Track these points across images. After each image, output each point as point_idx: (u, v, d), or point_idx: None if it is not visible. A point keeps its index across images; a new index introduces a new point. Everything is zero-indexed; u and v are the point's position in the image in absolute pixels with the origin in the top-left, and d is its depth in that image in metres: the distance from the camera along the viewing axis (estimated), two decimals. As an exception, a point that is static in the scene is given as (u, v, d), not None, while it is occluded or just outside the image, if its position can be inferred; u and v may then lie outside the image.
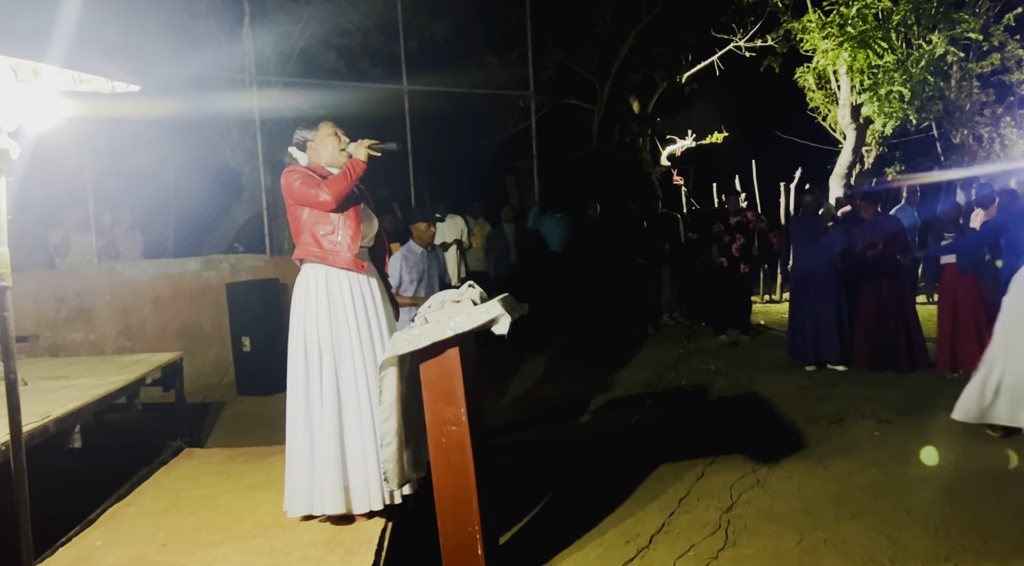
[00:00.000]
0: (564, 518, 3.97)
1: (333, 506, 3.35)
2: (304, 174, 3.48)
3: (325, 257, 3.48)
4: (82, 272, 7.41)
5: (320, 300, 3.47)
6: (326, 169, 3.58)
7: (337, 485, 3.36)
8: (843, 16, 9.53)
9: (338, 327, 3.46)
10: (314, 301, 3.47)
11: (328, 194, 3.42)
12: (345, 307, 3.49)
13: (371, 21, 9.81)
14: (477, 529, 3.13)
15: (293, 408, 3.48)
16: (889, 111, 9.73)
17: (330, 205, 3.44)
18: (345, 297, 3.49)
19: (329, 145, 3.60)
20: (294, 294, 3.54)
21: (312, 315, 3.46)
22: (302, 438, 3.43)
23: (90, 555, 3.25)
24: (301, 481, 3.41)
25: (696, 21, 12.94)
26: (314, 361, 3.43)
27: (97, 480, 4.16)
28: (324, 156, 3.60)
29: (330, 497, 3.35)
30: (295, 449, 3.45)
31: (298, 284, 3.54)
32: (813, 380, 6.79)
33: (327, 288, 3.49)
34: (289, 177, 3.50)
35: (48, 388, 4.23)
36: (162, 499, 3.93)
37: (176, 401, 5.31)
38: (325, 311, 3.46)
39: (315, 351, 3.43)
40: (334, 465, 3.36)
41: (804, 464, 4.62)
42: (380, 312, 3.60)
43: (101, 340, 7.36)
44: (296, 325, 3.50)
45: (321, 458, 3.37)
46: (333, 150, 3.59)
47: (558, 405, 6.35)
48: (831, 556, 3.46)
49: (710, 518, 3.91)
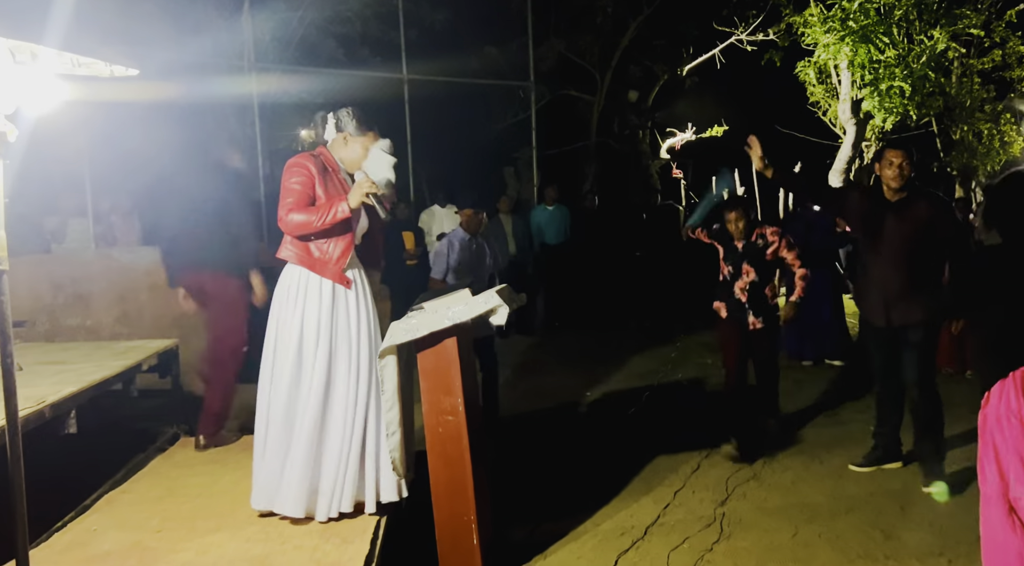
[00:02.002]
0: (560, 509, 3.98)
1: (293, 508, 3.26)
2: (307, 178, 3.32)
3: (313, 264, 3.34)
4: (79, 258, 7.37)
5: (309, 304, 3.32)
6: (335, 161, 3.48)
7: (303, 487, 3.27)
8: (845, 10, 9.49)
9: (334, 331, 3.34)
10: (302, 304, 3.33)
11: (294, 220, 3.25)
12: (337, 312, 3.36)
13: (371, 9, 9.78)
14: (473, 519, 3.14)
15: (270, 405, 3.37)
16: (889, 106, 9.71)
17: (285, 227, 3.29)
18: (325, 302, 3.34)
19: (359, 152, 3.46)
20: (276, 293, 3.40)
21: (297, 318, 3.32)
22: (279, 436, 3.34)
23: (86, 540, 3.25)
24: (267, 476, 3.34)
25: (697, 13, 12.89)
26: (307, 365, 3.32)
27: (93, 466, 4.15)
28: (346, 154, 3.47)
29: (292, 499, 3.26)
30: (265, 444, 3.37)
31: (282, 284, 3.39)
32: (810, 375, 6.80)
33: (319, 291, 3.34)
34: (290, 173, 3.33)
35: (44, 373, 4.21)
36: (158, 486, 3.92)
37: (172, 388, 5.30)
38: (314, 315, 3.32)
39: (310, 354, 3.30)
40: (303, 467, 3.27)
41: (799, 458, 4.63)
42: (364, 317, 3.44)
43: (98, 326, 7.33)
44: (285, 326, 3.33)
45: (292, 459, 3.29)
46: (357, 158, 3.46)
47: (553, 396, 6.36)
48: (825, 550, 3.47)
49: (705, 511, 3.93)
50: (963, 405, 4.90)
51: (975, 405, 2.51)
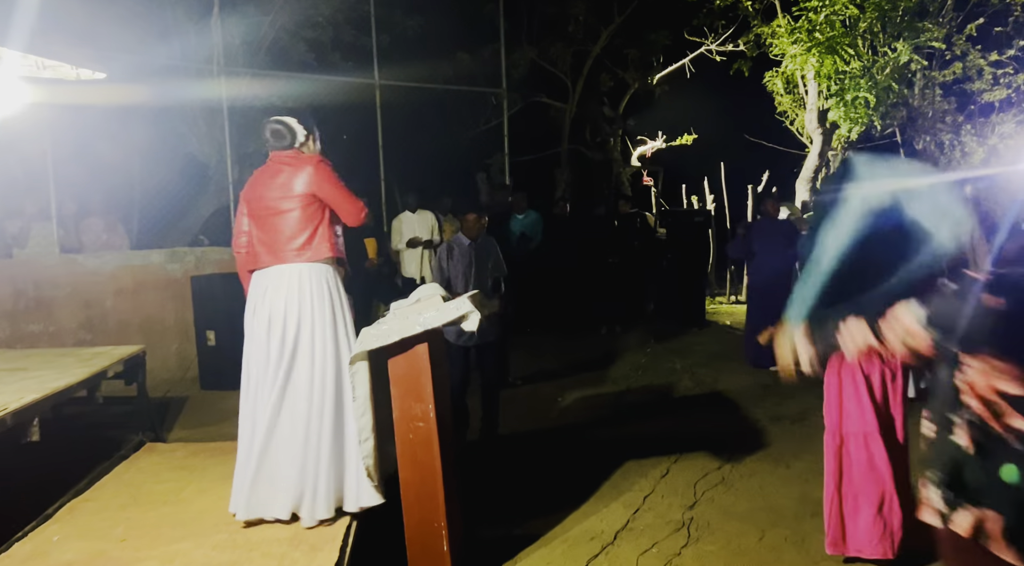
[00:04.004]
0: (530, 515, 3.99)
1: (280, 511, 3.28)
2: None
3: (338, 257, 3.52)
4: (42, 263, 7.24)
5: (345, 300, 3.49)
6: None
7: (288, 492, 3.28)
8: (811, 22, 9.67)
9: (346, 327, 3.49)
10: (341, 302, 3.46)
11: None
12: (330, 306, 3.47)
13: (342, 15, 9.73)
14: (443, 525, 3.13)
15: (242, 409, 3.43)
16: (855, 116, 9.90)
17: (362, 217, 3.53)
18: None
19: (318, 147, 3.62)
20: (315, 293, 3.39)
21: (338, 316, 3.45)
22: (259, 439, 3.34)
23: (47, 550, 3.19)
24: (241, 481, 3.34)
25: (668, 23, 13.04)
26: (270, 367, 3.36)
27: (55, 474, 4.08)
28: (313, 150, 3.60)
29: (278, 503, 3.28)
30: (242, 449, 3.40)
31: (318, 283, 3.41)
32: (777, 380, 6.88)
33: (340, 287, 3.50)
34: (332, 171, 3.48)
35: (5, 380, 4.14)
36: (122, 494, 3.86)
37: (138, 395, 5.23)
38: (341, 312, 3.46)
39: (274, 356, 3.36)
40: (287, 469, 3.28)
41: (766, 463, 4.69)
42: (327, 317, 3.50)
43: (61, 332, 7.20)
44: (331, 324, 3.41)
45: (265, 462, 3.30)
46: (316, 153, 3.61)
47: (525, 402, 6.36)
48: (791, 553, 3.52)
49: (674, 515, 3.96)
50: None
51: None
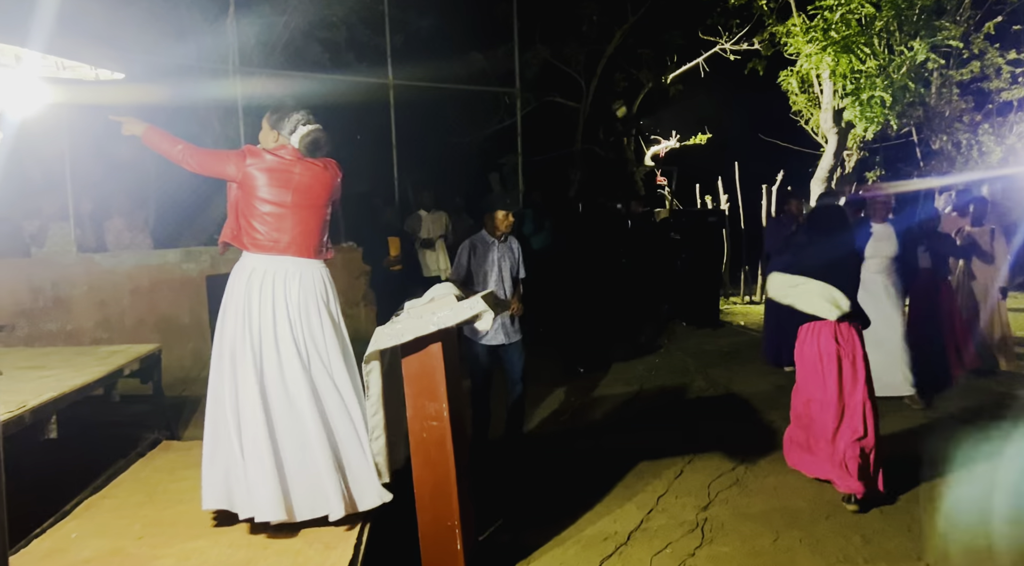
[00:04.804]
0: (544, 515, 3.98)
1: (273, 512, 3.19)
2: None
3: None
4: (59, 262, 7.31)
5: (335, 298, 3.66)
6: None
7: (277, 491, 3.21)
8: (827, 21, 9.61)
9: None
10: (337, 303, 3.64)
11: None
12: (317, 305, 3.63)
13: (356, 15, 9.77)
14: (456, 524, 3.14)
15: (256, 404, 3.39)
16: (870, 116, 9.83)
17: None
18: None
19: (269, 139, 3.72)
20: (331, 292, 3.63)
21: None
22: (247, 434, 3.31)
23: (65, 547, 3.22)
24: (219, 475, 3.30)
25: (682, 23, 13.00)
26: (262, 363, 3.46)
27: (73, 472, 4.12)
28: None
29: (266, 502, 3.20)
30: (223, 443, 3.36)
31: (326, 281, 3.64)
32: (791, 380, 6.82)
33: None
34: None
35: (24, 378, 4.17)
36: (139, 491, 3.89)
37: (154, 393, 5.26)
38: (339, 313, 3.64)
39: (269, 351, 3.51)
40: (269, 468, 3.23)
41: (781, 464, 4.66)
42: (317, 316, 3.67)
43: (78, 331, 7.27)
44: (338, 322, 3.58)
45: (282, 460, 3.27)
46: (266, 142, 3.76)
47: (537, 403, 6.36)
48: (806, 555, 3.50)
49: (687, 516, 3.95)
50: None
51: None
